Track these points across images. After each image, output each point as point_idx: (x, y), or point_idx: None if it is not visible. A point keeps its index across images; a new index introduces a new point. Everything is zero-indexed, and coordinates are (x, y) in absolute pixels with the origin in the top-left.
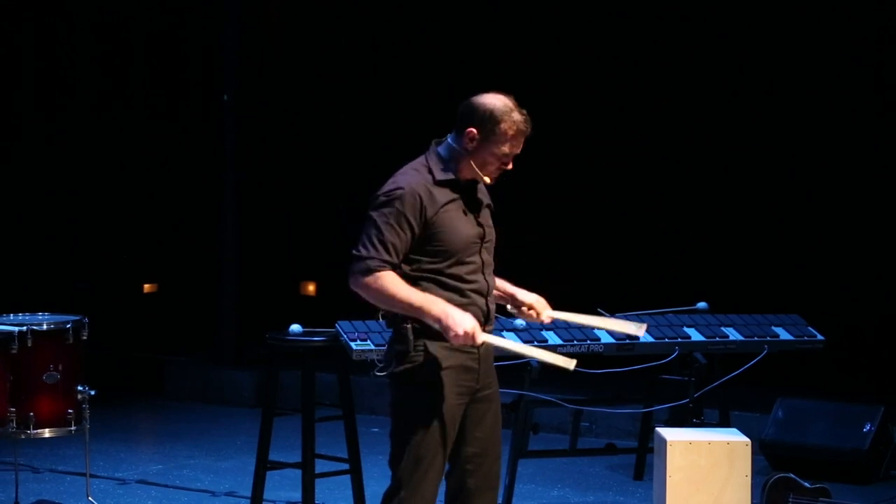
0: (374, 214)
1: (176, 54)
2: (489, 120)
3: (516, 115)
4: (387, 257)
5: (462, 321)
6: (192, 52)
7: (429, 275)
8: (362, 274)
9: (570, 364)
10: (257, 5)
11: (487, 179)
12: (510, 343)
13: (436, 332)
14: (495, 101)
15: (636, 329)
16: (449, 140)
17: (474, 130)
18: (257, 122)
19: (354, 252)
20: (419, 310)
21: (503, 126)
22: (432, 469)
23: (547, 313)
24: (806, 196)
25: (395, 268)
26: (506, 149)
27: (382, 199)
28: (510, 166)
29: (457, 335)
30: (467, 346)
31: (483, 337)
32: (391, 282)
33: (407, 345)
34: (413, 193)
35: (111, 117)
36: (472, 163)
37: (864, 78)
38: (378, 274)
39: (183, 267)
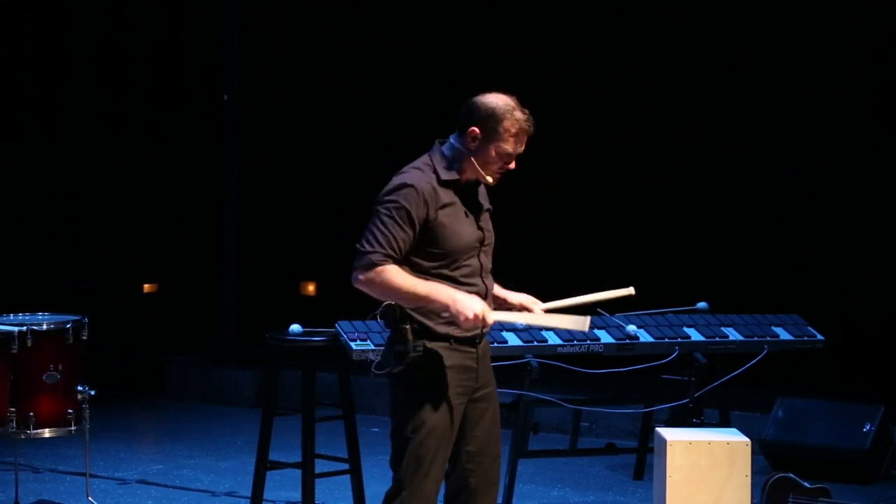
0: (380, 209)
1: (176, 54)
2: (491, 119)
3: (518, 114)
4: (390, 252)
5: (471, 304)
6: (192, 52)
7: (426, 277)
8: (365, 269)
9: (585, 323)
10: (257, 5)
11: (490, 179)
12: (521, 316)
13: (435, 331)
14: (497, 100)
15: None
16: (452, 140)
17: (477, 130)
18: (257, 122)
19: (358, 247)
20: (425, 298)
21: (506, 124)
22: (434, 469)
23: (539, 307)
24: (806, 196)
25: (398, 263)
26: (508, 147)
27: (388, 195)
28: (513, 165)
29: (466, 319)
30: (477, 328)
31: (493, 316)
32: (395, 274)
33: (406, 345)
34: (419, 191)
35: (111, 117)
36: (475, 162)
37: (865, 78)
38: (381, 268)
39: (183, 267)
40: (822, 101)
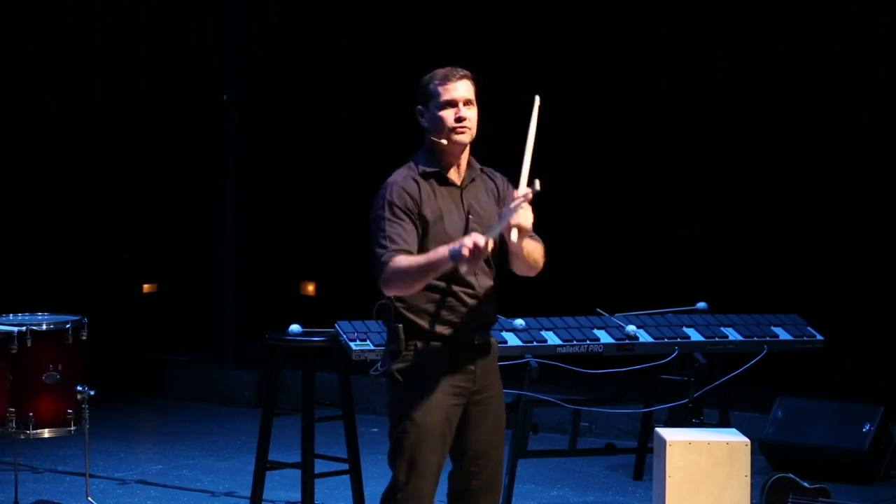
0: (373, 216)
1: (176, 54)
2: (421, 91)
3: (437, 71)
4: (393, 247)
5: (463, 242)
6: (193, 52)
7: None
8: (381, 272)
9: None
10: (257, 5)
11: (456, 139)
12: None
13: (428, 331)
14: (423, 78)
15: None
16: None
17: (419, 107)
18: (257, 121)
19: (372, 259)
20: (431, 265)
21: (431, 85)
22: (428, 469)
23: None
24: (806, 196)
25: (408, 254)
26: (445, 96)
27: (377, 200)
28: (462, 113)
29: (463, 257)
30: (481, 257)
31: (486, 237)
32: (402, 261)
33: (399, 344)
34: (399, 185)
35: (111, 117)
36: (436, 133)
37: (865, 78)
38: (390, 263)
39: (183, 267)
40: (821, 101)
